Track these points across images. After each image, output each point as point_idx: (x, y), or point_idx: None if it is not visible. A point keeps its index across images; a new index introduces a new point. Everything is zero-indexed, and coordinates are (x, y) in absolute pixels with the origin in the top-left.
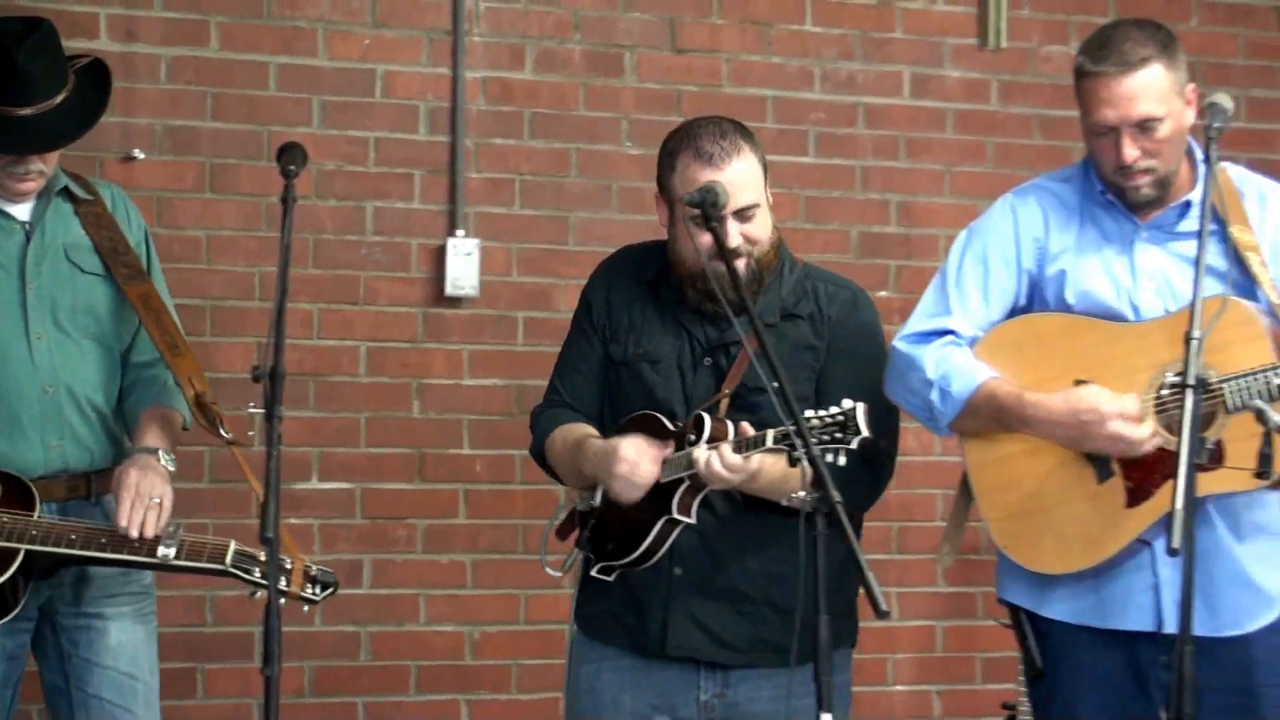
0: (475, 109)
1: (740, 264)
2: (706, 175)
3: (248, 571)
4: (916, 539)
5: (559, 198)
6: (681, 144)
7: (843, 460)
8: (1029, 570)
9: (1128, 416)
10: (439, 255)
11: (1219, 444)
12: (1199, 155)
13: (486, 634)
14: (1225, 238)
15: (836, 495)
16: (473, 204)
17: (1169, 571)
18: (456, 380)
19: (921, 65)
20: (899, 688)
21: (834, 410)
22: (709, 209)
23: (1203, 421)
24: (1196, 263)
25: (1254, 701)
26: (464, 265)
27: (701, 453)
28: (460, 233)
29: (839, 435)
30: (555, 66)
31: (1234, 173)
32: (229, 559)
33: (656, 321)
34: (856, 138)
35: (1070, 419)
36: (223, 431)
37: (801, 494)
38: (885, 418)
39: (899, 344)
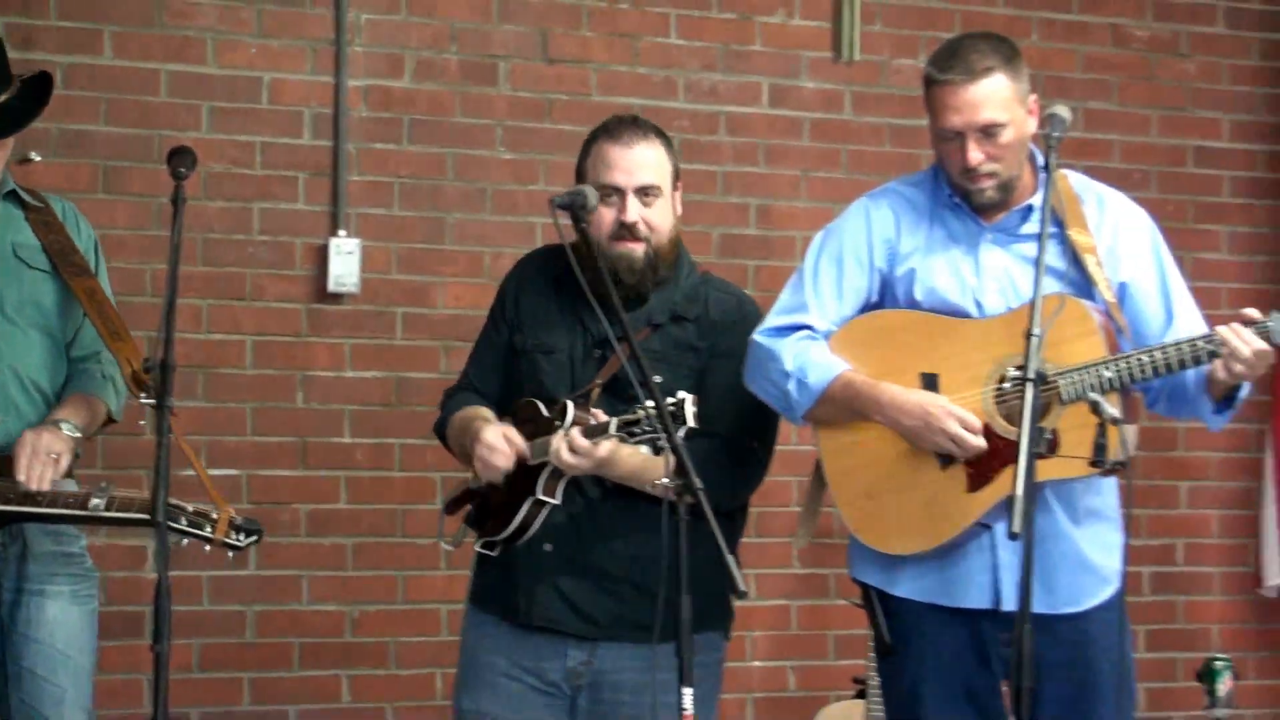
0: (357, 115)
1: (639, 249)
2: (612, 151)
3: (176, 521)
4: (773, 523)
5: (436, 200)
6: (598, 131)
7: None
8: (877, 551)
9: (968, 424)
10: (322, 254)
11: (1055, 433)
12: (1040, 162)
13: (366, 613)
14: (1064, 240)
15: (698, 482)
16: (354, 205)
17: (1007, 554)
18: (338, 372)
19: (779, 77)
20: (756, 663)
21: (667, 401)
22: (578, 210)
23: (1040, 412)
24: (1036, 263)
25: (1088, 674)
26: (345, 263)
27: (558, 439)
28: (342, 232)
29: (668, 425)
30: (432, 75)
31: (1074, 179)
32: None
33: (556, 315)
34: (718, 145)
35: (918, 413)
36: (155, 400)
37: (665, 480)
38: (758, 418)
39: (758, 338)
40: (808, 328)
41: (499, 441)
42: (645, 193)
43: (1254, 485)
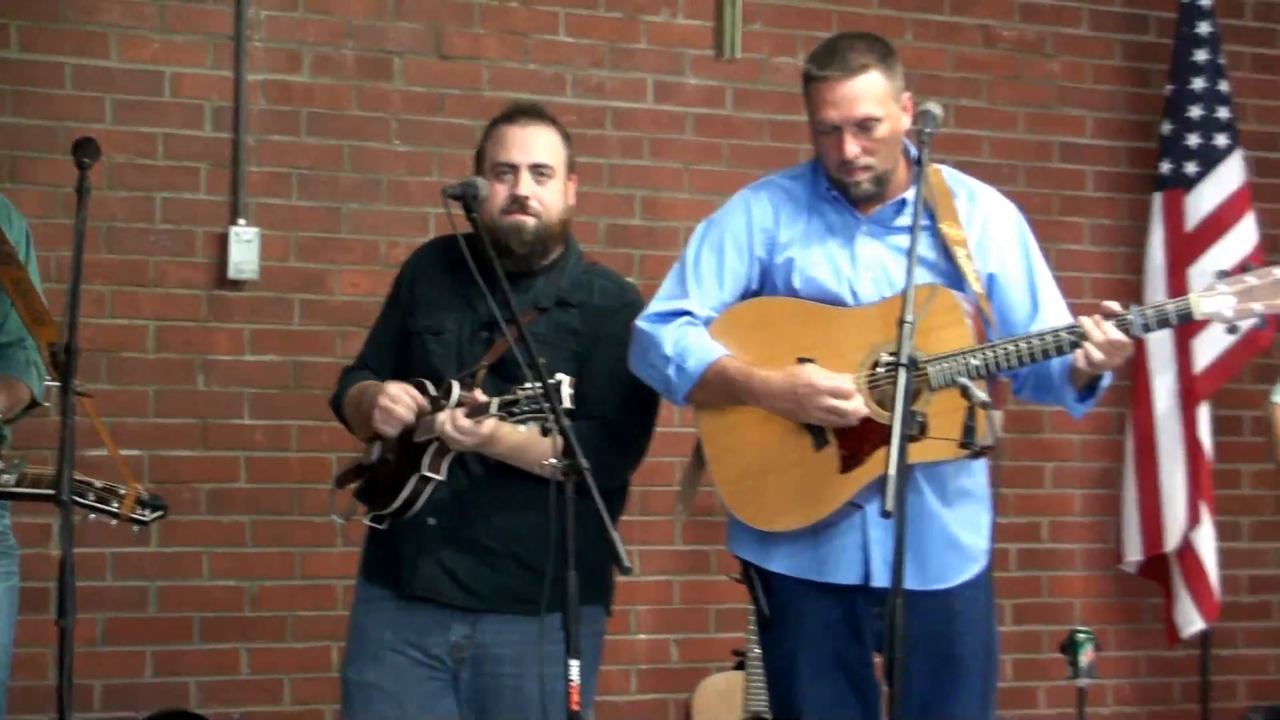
0: (256, 109)
1: (530, 222)
2: (509, 131)
3: (84, 496)
4: (657, 502)
5: (333, 191)
6: (499, 117)
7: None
8: (754, 528)
9: (840, 393)
10: (222, 242)
11: (924, 417)
12: (914, 156)
13: (264, 588)
14: (936, 232)
15: (584, 462)
16: (253, 195)
17: (878, 531)
18: (238, 357)
19: (663, 74)
20: (641, 636)
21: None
22: (470, 200)
23: (910, 396)
24: (909, 254)
25: (956, 647)
26: (245, 251)
27: (443, 416)
28: (242, 221)
29: (547, 406)
30: (329, 70)
31: (947, 174)
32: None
33: (448, 298)
34: (605, 138)
35: (789, 393)
36: (74, 385)
37: (552, 461)
38: (638, 401)
39: (641, 323)
40: (689, 314)
41: (401, 394)
42: (539, 170)
43: (1115, 466)
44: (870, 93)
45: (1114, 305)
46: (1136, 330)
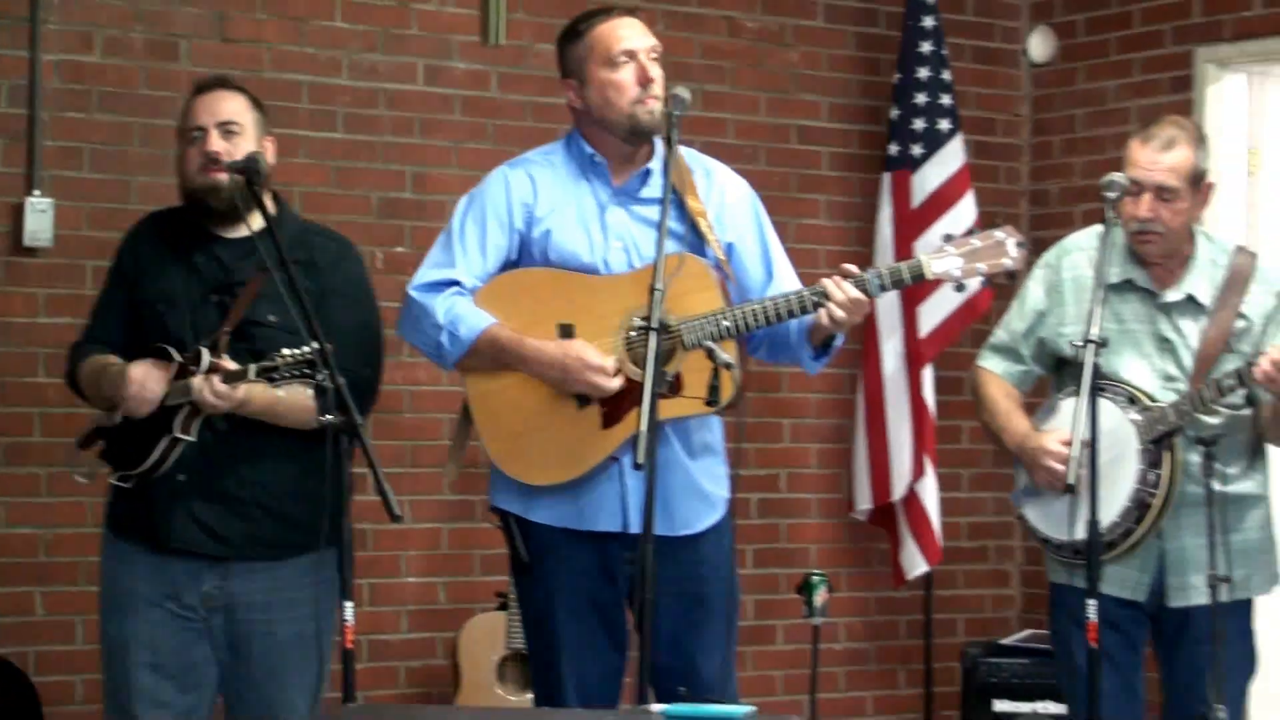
0: (51, 87)
1: (224, 178)
2: (197, 101)
3: None
4: (426, 455)
5: (123, 164)
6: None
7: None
8: (519, 482)
9: (605, 370)
10: (18, 212)
11: (678, 376)
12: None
13: (59, 534)
14: (681, 205)
15: (359, 419)
16: (48, 168)
17: (633, 482)
18: (32, 319)
19: (433, 58)
20: (410, 579)
21: (304, 349)
22: (252, 174)
23: (665, 357)
24: (659, 226)
25: (701, 588)
26: (40, 221)
27: (199, 382)
28: (37, 193)
29: (307, 370)
30: (119, 52)
31: (686, 153)
32: None
33: (172, 267)
34: (378, 118)
35: (559, 364)
36: None
37: (327, 416)
38: (368, 349)
39: (412, 292)
40: (457, 283)
41: (145, 379)
42: (226, 128)
43: (847, 423)
44: (646, 29)
45: (852, 267)
46: (874, 289)
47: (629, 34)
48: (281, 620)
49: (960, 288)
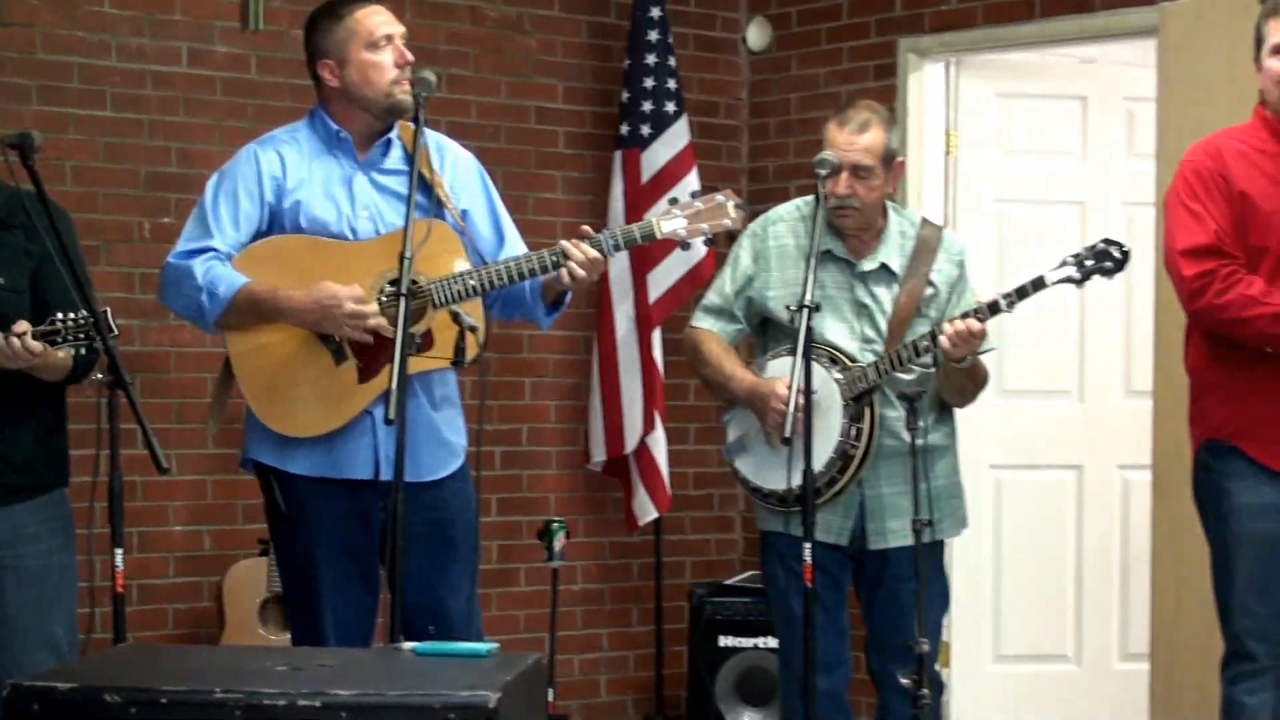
0: None
1: None
2: None
3: None
4: (192, 412)
5: None
6: None
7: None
8: (276, 436)
9: (359, 298)
10: None
11: (429, 333)
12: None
13: None
14: (421, 175)
15: (128, 377)
16: None
17: (385, 433)
18: None
19: (197, 42)
20: (178, 528)
21: (82, 314)
22: (27, 149)
23: (417, 315)
24: (408, 198)
25: (446, 531)
26: None
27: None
28: None
29: (92, 334)
30: None
31: (433, 133)
32: None
33: None
34: (146, 98)
35: (314, 306)
36: None
37: (98, 376)
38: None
39: (171, 260)
40: (213, 250)
41: None
42: None
43: (583, 381)
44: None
45: (588, 229)
46: (608, 249)
47: (386, 20)
48: (27, 554)
49: (686, 246)
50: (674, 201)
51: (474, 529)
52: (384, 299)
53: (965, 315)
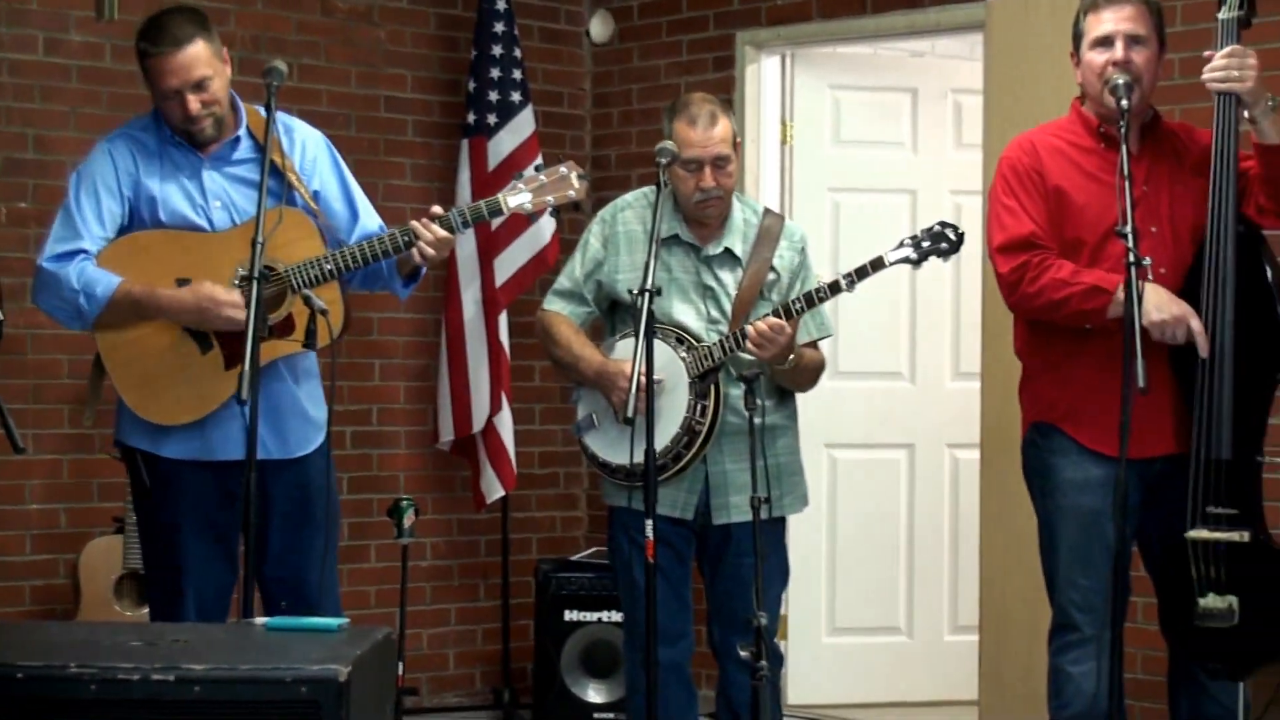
0: None
1: None
2: None
3: None
4: (49, 392)
5: None
6: None
7: None
8: (152, 422)
9: (237, 304)
10: None
11: (289, 317)
12: (240, 103)
13: None
14: (271, 162)
15: None
16: None
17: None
18: None
19: (52, 31)
20: (34, 506)
21: None
22: None
23: (276, 300)
24: (260, 187)
25: (307, 507)
26: None
27: None
28: None
29: None
30: None
31: (264, 113)
32: None
33: None
34: (2, 85)
35: (194, 307)
36: None
37: None
38: None
39: (45, 265)
40: (84, 252)
41: None
42: None
43: (432, 363)
44: (201, 58)
45: (437, 208)
46: (457, 226)
47: (179, 70)
48: None
49: (533, 219)
50: (519, 176)
51: (335, 504)
52: (242, 285)
53: (765, 316)
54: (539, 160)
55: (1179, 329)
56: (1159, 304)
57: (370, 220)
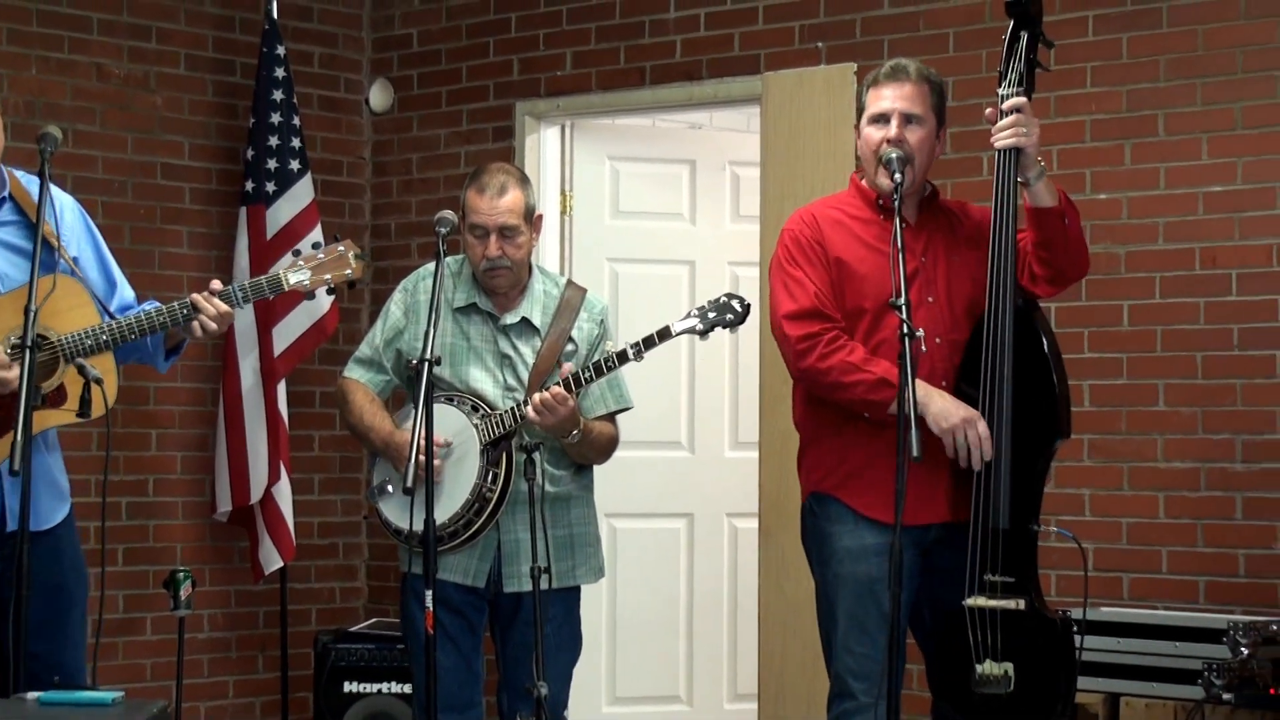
0: None
1: None
2: None
3: None
4: None
5: None
6: None
7: None
8: None
9: (5, 366)
10: None
11: (61, 388)
12: (1, 167)
13: None
14: (36, 229)
15: None
16: None
17: (10, 484)
18: None
19: None
20: None
21: None
22: None
23: (49, 370)
24: (34, 254)
25: (61, 577)
26: None
27: None
28: None
29: None
30: None
31: (23, 177)
32: None
33: None
34: None
35: None
36: None
37: None
38: None
39: None
40: None
41: None
42: None
43: (209, 432)
44: None
45: (217, 283)
46: (237, 301)
47: None
48: None
49: (311, 296)
50: (297, 253)
51: (84, 576)
52: (12, 353)
53: (550, 387)
54: (318, 237)
55: (968, 430)
56: (944, 412)
57: (127, 290)
